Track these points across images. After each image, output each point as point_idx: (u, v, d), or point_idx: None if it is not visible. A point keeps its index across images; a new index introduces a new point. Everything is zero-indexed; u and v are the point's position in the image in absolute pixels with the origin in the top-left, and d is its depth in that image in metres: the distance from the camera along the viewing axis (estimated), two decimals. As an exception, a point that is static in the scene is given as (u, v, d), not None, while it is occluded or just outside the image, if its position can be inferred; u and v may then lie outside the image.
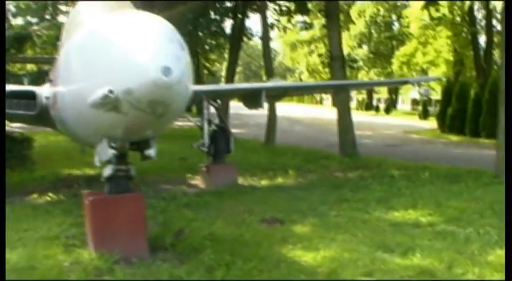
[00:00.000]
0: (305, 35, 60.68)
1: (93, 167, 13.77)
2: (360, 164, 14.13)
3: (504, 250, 5.61)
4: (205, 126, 11.21)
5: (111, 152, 5.46)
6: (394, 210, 8.35)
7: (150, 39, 4.47)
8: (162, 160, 15.36)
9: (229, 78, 23.43)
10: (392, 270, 5.54)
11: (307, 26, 23.92)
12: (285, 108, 56.80)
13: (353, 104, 72.53)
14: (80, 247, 6.30)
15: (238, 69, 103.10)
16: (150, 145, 5.58)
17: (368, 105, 62.64)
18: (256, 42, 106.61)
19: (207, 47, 36.76)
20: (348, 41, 57.87)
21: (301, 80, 74.76)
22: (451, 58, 38.07)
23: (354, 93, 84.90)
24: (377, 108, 58.28)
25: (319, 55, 31.13)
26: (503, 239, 6.56)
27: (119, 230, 5.99)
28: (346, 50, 60.12)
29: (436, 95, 46.21)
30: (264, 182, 11.46)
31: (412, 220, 7.81)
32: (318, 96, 65.41)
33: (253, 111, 21.58)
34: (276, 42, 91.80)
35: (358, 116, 48.56)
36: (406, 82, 20.52)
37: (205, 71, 45.15)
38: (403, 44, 44.78)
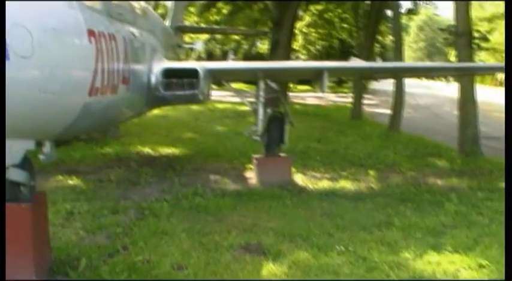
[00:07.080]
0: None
1: (174, 145, 12.94)
2: (471, 168, 11.03)
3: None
4: (260, 110, 9.47)
5: None
6: (436, 251, 5.82)
7: None
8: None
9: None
10: None
11: None
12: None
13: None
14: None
15: (421, 44, 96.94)
16: None
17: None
18: (442, 17, 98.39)
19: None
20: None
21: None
22: None
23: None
24: None
25: (441, 30, 26.25)
26: None
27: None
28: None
29: None
30: (322, 184, 9.33)
31: (448, 271, 5.30)
32: (499, 77, 57.21)
33: (418, 90, 18.87)
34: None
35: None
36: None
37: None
38: None
